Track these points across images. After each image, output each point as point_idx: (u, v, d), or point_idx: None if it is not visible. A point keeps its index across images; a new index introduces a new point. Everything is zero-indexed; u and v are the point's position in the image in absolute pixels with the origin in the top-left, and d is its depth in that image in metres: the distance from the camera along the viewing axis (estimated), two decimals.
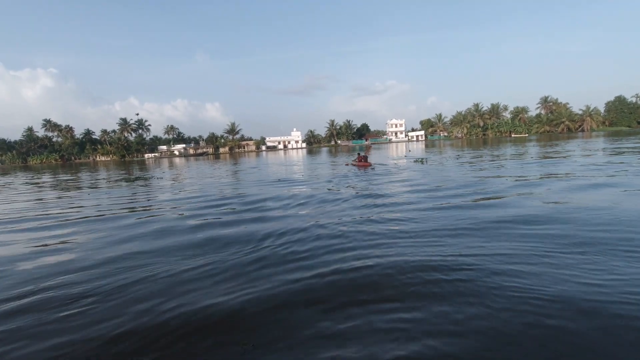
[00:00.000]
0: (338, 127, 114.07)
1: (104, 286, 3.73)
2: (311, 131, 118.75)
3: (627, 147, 20.35)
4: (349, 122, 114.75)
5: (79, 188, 15.93)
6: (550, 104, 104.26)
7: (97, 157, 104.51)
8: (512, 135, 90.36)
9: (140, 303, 3.28)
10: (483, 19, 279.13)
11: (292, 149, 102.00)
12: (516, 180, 10.10)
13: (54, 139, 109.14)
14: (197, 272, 4.01)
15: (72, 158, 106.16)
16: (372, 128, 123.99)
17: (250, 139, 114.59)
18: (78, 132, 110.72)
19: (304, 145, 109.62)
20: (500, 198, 7.54)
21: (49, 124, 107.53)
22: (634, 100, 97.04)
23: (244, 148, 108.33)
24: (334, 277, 3.66)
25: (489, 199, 7.56)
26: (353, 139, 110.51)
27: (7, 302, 3.49)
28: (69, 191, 15.09)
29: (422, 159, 20.68)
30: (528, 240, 4.46)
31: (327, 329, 2.67)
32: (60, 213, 8.91)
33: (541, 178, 10.28)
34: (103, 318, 3.04)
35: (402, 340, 2.48)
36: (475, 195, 7.97)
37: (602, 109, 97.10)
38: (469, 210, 6.52)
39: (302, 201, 8.60)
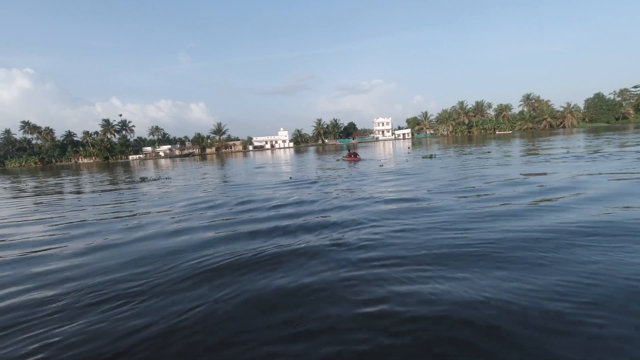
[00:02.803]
0: (325, 126, 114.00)
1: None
2: (298, 130, 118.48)
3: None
4: (336, 121, 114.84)
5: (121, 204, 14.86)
6: (533, 101, 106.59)
7: (80, 159, 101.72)
8: (497, 132, 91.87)
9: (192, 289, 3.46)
10: (467, 20, 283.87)
11: (280, 148, 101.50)
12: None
13: (34, 142, 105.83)
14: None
15: (53, 161, 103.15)
16: (359, 127, 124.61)
17: (237, 139, 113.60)
18: (58, 134, 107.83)
19: (291, 144, 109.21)
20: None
21: (27, 126, 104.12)
22: (612, 97, 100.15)
23: (231, 148, 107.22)
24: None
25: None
26: (340, 138, 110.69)
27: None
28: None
29: (431, 154, 20.93)
30: None
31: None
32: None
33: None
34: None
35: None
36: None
37: (582, 105, 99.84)
38: None
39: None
